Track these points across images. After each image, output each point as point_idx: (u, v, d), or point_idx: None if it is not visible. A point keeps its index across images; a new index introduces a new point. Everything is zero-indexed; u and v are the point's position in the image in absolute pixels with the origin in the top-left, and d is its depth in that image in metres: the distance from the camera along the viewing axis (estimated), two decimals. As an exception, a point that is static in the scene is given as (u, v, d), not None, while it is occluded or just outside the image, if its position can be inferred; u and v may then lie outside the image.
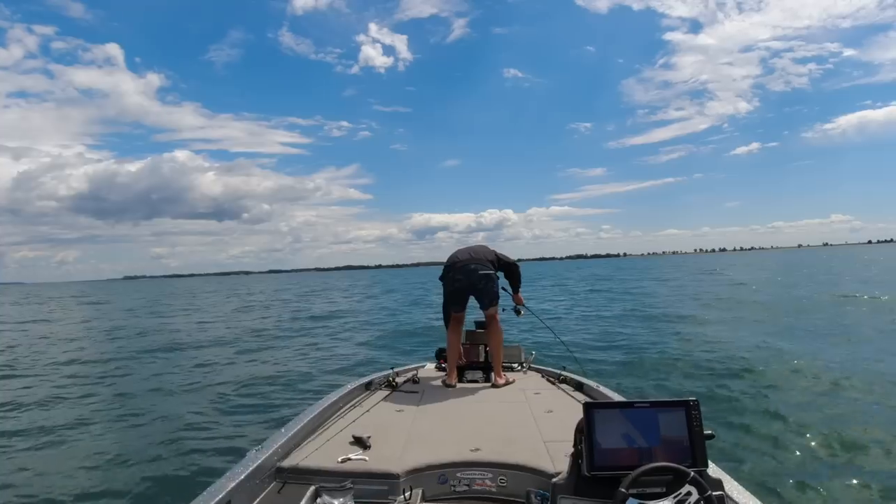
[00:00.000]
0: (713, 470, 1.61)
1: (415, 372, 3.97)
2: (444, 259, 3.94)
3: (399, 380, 3.64)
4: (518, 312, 4.10)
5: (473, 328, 4.17)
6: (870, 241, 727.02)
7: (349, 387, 3.31)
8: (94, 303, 37.26)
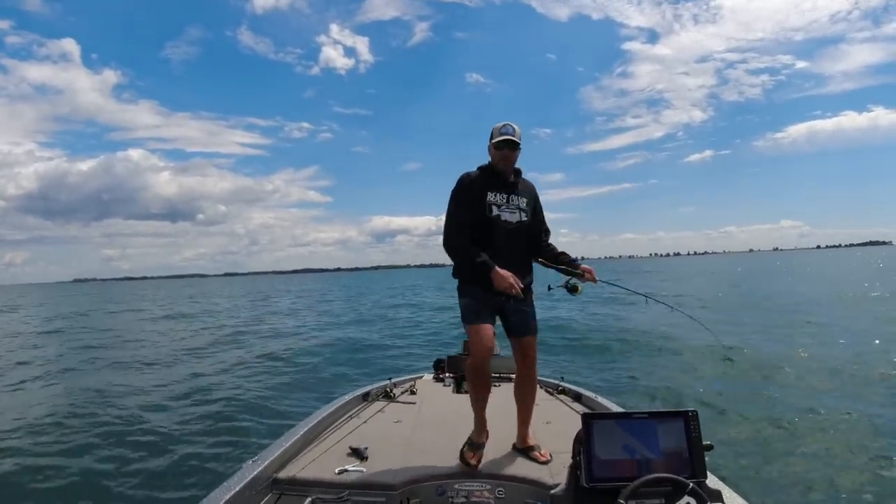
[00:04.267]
0: (712, 481, 1.56)
1: (412, 383, 3.90)
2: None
3: (396, 391, 3.59)
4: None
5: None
6: (818, 247, 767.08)
7: (346, 398, 3.24)
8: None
